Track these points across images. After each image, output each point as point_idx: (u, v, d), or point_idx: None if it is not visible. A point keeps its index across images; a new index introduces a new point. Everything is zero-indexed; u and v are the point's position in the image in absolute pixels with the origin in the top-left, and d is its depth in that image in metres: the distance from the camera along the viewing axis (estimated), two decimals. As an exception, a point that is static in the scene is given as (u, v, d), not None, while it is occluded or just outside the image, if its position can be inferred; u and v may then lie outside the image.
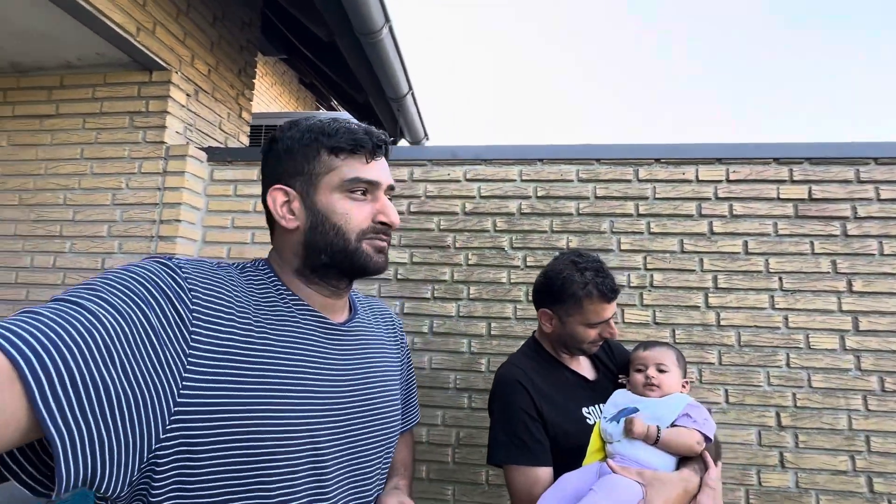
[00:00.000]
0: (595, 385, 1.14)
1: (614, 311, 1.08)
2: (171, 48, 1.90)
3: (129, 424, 0.47)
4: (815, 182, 1.60)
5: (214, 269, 0.65)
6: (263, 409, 0.58)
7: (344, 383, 0.70)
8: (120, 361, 0.46)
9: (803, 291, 1.55)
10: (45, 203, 1.88)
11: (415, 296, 1.71)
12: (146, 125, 1.87)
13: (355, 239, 0.69)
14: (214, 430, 0.55)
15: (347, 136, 0.69)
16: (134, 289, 0.52)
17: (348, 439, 0.68)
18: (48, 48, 1.81)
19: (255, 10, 2.48)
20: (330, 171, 0.69)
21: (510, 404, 1.05)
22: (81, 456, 0.42)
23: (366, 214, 0.70)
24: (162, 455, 0.52)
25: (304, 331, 0.68)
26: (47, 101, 1.95)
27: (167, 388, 0.51)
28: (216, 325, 0.58)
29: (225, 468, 0.56)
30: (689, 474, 0.94)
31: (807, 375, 1.51)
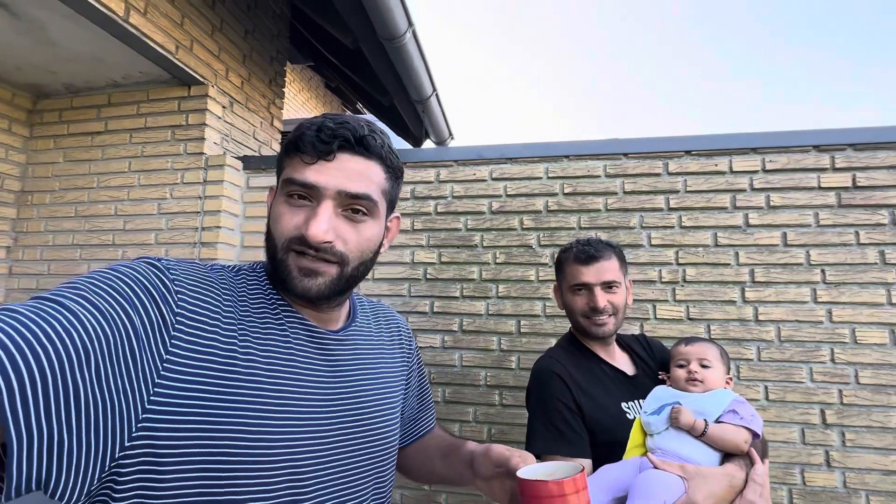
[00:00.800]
0: (634, 380, 1.12)
1: (601, 281, 1.08)
2: (208, 63, 1.99)
3: (94, 429, 0.44)
4: (859, 169, 1.52)
5: (206, 272, 0.61)
6: (237, 424, 0.54)
7: (332, 396, 0.64)
8: (95, 364, 0.44)
9: (848, 284, 1.48)
10: (98, 214, 2.02)
11: (444, 295, 1.74)
12: (187, 137, 1.97)
13: (281, 249, 0.61)
14: (182, 440, 0.51)
15: (297, 132, 0.61)
16: (119, 289, 0.49)
17: (335, 456, 0.63)
18: (96, 69, 1.94)
19: (283, 21, 2.56)
20: (282, 171, 0.63)
21: (548, 396, 1.04)
22: (37, 458, 0.39)
23: (296, 223, 0.60)
24: (125, 465, 0.49)
25: (290, 341, 0.63)
26: (97, 118, 2.09)
27: (137, 393, 0.48)
28: (198, 331, 0.54)
29: (191, 483, 0.51)
30: (734, 469, 0.91)
31: (854, 371, 1.45)
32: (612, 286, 1.10)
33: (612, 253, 1.12)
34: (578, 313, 1.12)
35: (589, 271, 1.09)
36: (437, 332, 1.73)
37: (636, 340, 1.25)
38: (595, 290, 1.08)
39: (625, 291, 1.13)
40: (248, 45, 2.26)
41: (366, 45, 2.10)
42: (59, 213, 2.06)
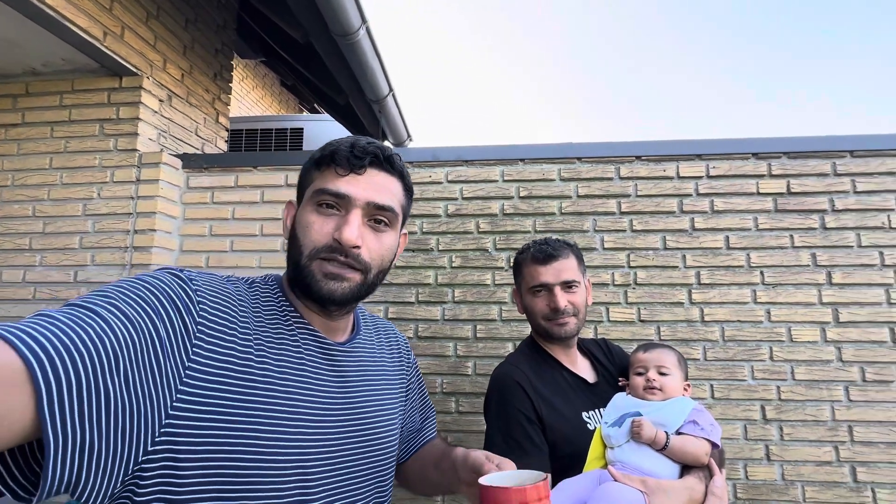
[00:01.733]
0: (595, 388, 1.10)
1: (560, 280, 1.06)
2: (142, 53, 1.84)
3: (122, 432, 0.46)
4: (793, 176, 1.61)
5: (224, 284, 0.64)
6: (252, 433, 0.57)
7: (338, 408, 0.68)
8: (124, 370, 0.46)
9: (784, 285, 1.56)
10: (12, 215, 1.81)
11: (399, 300, 1.69)
12: (117, 132, 1.81)
13: (307, 256, 0.65)
14: (201, 446, 0.54)
15: (330, 148, 0.67)
16: (146, 298, 0.52)
17: (339, 464, 0.66)
18: (11, 55, 1.74)
19: (229, 12, 2.42)
20: (310, 183, 0.68)
21: (507, 406, 1.00)
22: (70, 460, 0.42)
23: (327, 230, 0.65)
24: (147, 468, 0.52)
25: (302, 352, 0.66)
26: (12, 109, 1.88)
27: (162, 399, 0.51)
28: (217, 341, 0.57)
29: (209, 487, 0.54)
30: (694, 482, 0.91)
31: (790, 368, 1.52)
32: (571, 286, 1.07)
33: (569, 252, 1.10)
34: (539, 315, 1.09)
35: (547, 271, 1.07)
36: (391, 339, 1.67)
37: (596, 345, 1.23)
38: (555, 290, 1.06)
39: (584, 291, 1.11)
40: (189, 36, 2.12)
41: (318, 42, 2.01)
42: (-34, 213, 1.84)
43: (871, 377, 1.49)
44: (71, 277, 1.75)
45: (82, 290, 1.74)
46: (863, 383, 1.49)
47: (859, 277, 1.54)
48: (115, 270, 1.73)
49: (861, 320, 1.52)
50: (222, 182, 1.82)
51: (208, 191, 1.83)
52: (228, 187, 1.81)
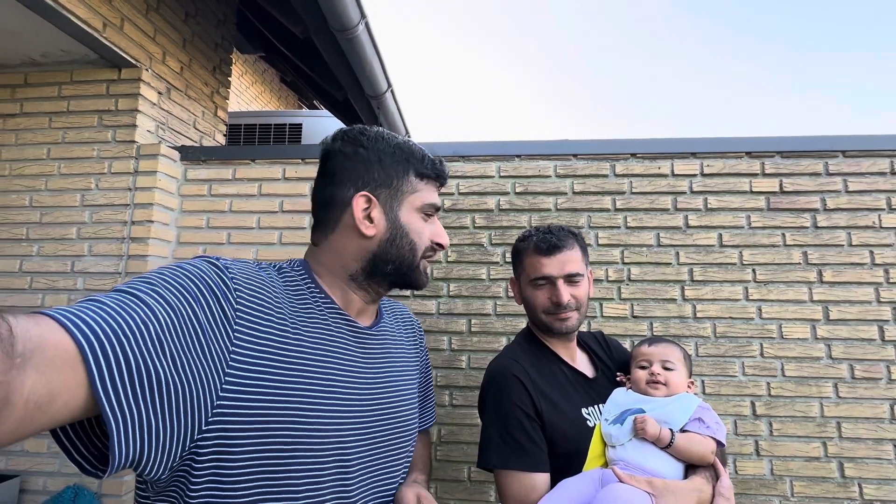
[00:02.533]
0: (594, 383, 1.05)
1: (564, 273, 1.00)
2: (141, 45, 1.85)
3: (176, 413, 0.50)
4: (785, 175, 1.63)
5: (257, 271, 0.67)
6: (295, 411, 0.60)
7: (369, 387, 0.72)
8: (170, 352, 0.49)
9: (776, 282, 1.58)
10: (10, 205, 1.82)
11: (394, 293, 1.69)
12: (116, 124, 1.82)
13: (420, 256, 0.76)
14: (251, 425, 0.57)
15: (432, 166, 0.77)
16: (186, 285, 0.55)
17: (372, 441, 0.71)
18: (10, 45, 1.74)
19: (230, 6, 2.43)
20: (415, 192, 0.75)
21: (505, 401, 0.95)
22: (132, 438, 0.45)
23: (427, 234, 0.76)
24: (202, 445, 0.55)
25: (334, 335, 0.70)
26: (11, 99, 1.88)
27: (212, 382, 0.54)
28: (257, 326, 0.60)
29: (258, 462, 0.58)
30: (701, 483, 0.87)
31: (780, 365, 1.54)
32: (575, 278, 1.01)
33: (574, 242, 1.04)
34: (539, 309, 1.03)
35: (551, 263, 1.00)
36: (386, 333, 1.68)
37: (594, 339, 1.19)
38: (558, 283, 1.00)
39: (587, 283, 1.06)
40: (189, 29, 2.12)
41: (317, 37, 2.02)
42: (-37, 203, 1.84)
43: (859, 374, 1.51)
44: (68, 267, 1.75)
45: (79, 280, 1.74)
46: (851, 380, 1.51)
47: (849, 276, 1.56)
48: (112, 261, 1.73)
49: (851, 318, 1.54)
50: (220, 175, 1.83)
51: (206, 183, 1.83)
52: (226, 180, 1.82)
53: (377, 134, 0.76)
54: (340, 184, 0.73)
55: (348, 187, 0.73)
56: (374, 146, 0.74)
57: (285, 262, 0.75)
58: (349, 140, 0.75)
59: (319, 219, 0.76)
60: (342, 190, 0.73)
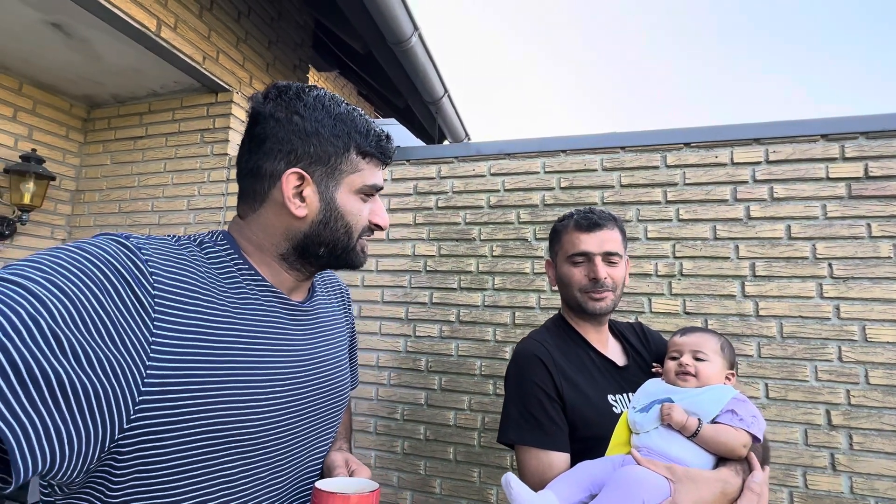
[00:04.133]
0: (624, 372, 1.03)
1: (603, 250, 1.00)
2: (233, 72, 2.17)
3: (90, 415, 0.44)
4: (872, 158, 1.45)
5: (175, 248, 0.61)
6: (228, 396, 0.57)
7: (304, 362, 0.70)
8: (71, 349, 0.43)
9: (858, 278, 1.41)
10: (137, 210, 2.24)
11: (442, 286, 1.80)
12: (213, 140, 2.16)
13: (356, 237, 0.70)
14: (181, 415, 0.53)
15: (377, 143, 0.70)
16: (86, 270, 0.47)
17: (309, 416, 0.69)
18: (137, 80, 2.16)
19: (306, 31, 2.73)
20: (355, 171, 0.68)
21: (526, 379, 0.96)
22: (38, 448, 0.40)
23: (365, 214, 0.71)
24: (125, 443, 0.50)
25: (268, 314, 0.66)
26: (139, 125, 2.32)
27: (130, 378, 0.48)
28: (180, 311, 0.55)
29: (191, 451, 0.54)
30: (728, 475, 0.82)
31: (863, 371, 1.37)
32: (613, 258, 1.01)
33: (614, 224, 1.04)
34: (576, 286, 1.02)
35: (590, 239, 1.00)
36: (435, 322, 1.79)
37: (631, 329, 1.16)
38: (596, 259, 0.99)
39: (625, 267, 1.05)
40: (272, 55, 2.43)
41: (376, 50, 2.21)
42: (106, 209, 2.30)
43: (970, 386, 1.29)
44: (177, 261, 2.12)
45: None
46: (959, 393, 1.30)
47: (958, 272, 1.34)
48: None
49: (958, 321, 1.32)
50: (294, 180, 2.08)
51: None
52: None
53: (316, 99, 0.66)
54: (269, 153, 0.64)
55: (279, 160, 0.64)
56: (311, 115, 0.65)
57: (206, 235, 0.67)
58: (283, 103, 0.65)
59: (244, 189, 0.68)
60: (272, 162, 0.64)
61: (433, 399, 1.74)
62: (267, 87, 0.68)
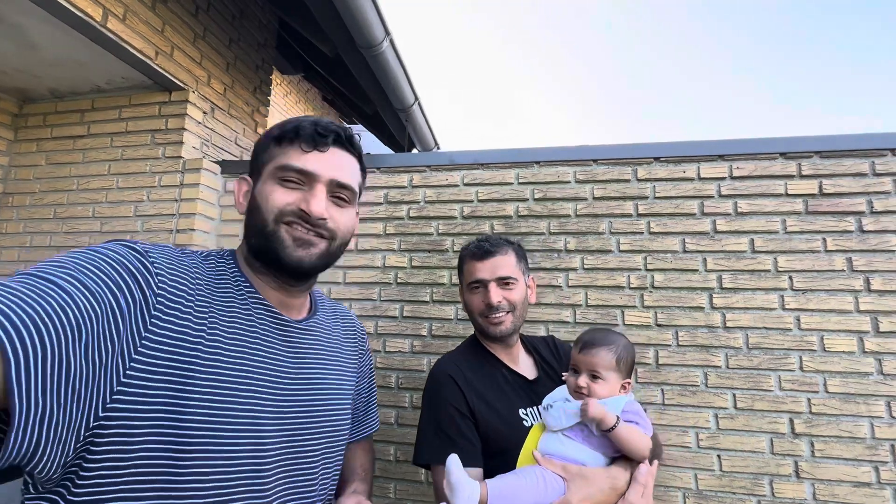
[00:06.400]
0: (535, 385, 1.08)
1: (496, 276, 1.05)
2: (189, 70, 2.03)
3: (77, 400, 0.47)
4: (826, 176, 1.53)
5: (179, 257, 0.65)
6: (206, 403, 0.57)
7: (291, 380, 0.69)
8: (85, 340, 0.46)
9: (816, 291, 1.47)
10: (76, 216, 2.03)
11: (414, 299, 1.74)
12: (166, 141, 2.00)
13: (273, 220, 0.66)
14: (154, 414, 0.54)
15: (292, 125, 0.68)
16: (105, 270, 0.52)
17: (291, 436, 0.68)
18: (80, 74, 1.97)
19: (270, 31, 2.61)
20: (271, 159, 0.69)
21: (438, 399, 1.00)
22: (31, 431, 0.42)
23: (290, 200, 0.67)
24: (100, 435, 0.51)
25: (255, 325, 0.67)
26: (80, 122, 2.12)
27: (115, 367, 0.51)
28: (175, 312, 0.58)
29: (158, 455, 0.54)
30: (617, 471, 0.89)
31: (822, 379, 1.43)
32: (508, 282, 1.06)
33: (508, 248, 1.10)
34: (476, 312, 1.09)
35: (484, 267, 1.07)
36: (406, 337, 1.72)
37: (544, 343, 1.22)
38: (490, 285, 1.05)
39: (524, 289, 1.10)
40: (233, 54, 2.30)
41: (346, 55, 2.14)
42: (38, 214, 2.08)
43: (916, 393, 1.37)
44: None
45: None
46: (907, 399, 1.37)
47: (903, 284, 1.43)
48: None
49: (905, 330, 1.40)
50: (255, 186, 1.96)
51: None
52: (261, 191, 1.94)
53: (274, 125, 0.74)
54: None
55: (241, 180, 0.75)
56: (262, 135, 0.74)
57: (215, 250, 0.73)
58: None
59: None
60: None
61: (404, 418, 1.66)
62: None
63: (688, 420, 1.47)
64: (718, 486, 1.42)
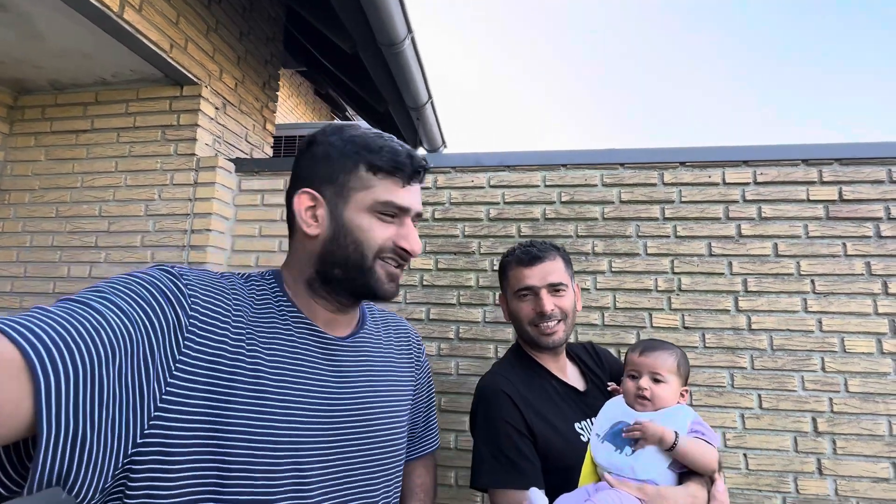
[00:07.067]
0: (585, 397, 1.04)
1: (546, 283, 1.01)
2: (202, 64, 1.96)
3: (113, 425, 0.46)
4: (845, 183, 1.58)
5: (216, 279, 0.64)
6: (242, 427, 0.56)
7: (337, 401, 0.67)
8: (119, 362, 0.46)
9: (837, 294, 1.52)
10: (80, 215, 1.94)
11: (441, 301, 1.72)
12: (178, 138, 1.92)
13: (372, 257, 0.67)
14: (191, 439, 0.53)
15: (390, 156, 0.67)
16: (140, 293, 0.53)
17: (340, 459, 0.65)
18: (85, 66, 1.88)
19: (278, 25, 2.54)
20: (365, 188, 0.67)
21: (495, 418, 0.94)
22: (61, 452, 0.41)
23: (388, 235, 0.68)
24: (138, 462, 0.51)
25: (297, 346, 0.65)
26: (83, 116, 2.02)
27: (151, 392, 0.51)
28: (209, 334, 0.57)
29: (199, 481, 0.54)
30: (696, 489, 0.85)
31: (843, 380, 1.48)
32: (558, 289, 1.02)
33: (556, 254, 1.06)
34: (525, 321, 1.04)
35: (533, 273, 1.02)
36: (433, 340, 1.70)
37: (585, 350, 1.18)
38: (541, 293, 1.01)
39: (573, 295, 1.06)
40: (244, 47, 2.23)
41: (364, 52, 2.09)
42: (39, 213, 1.98)
43: (931, 392, 1.43)
44: (132, 274, 1.85)
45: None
46: (923, 398, 1.43)
47: (918, 288, 1.49)
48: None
49: (920, 332, 1.46)
50: (272, 185, 1.91)
51: (258, 193, 1.91)
52: (278, 190, 1.90)
53: (335, 128, 0.70)
54: (294, 183, 0.70)
55: (297, 186, 0.69)
56: (325, 140, 0.69)
57: (256, 272, 0.72)
58: (311, 139, 0.71)
59: (288, 224, 0.72)
60: (292, 190, 0.70)
61: (432, 421, 1.65)
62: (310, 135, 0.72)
63: (715, 420, 1.50)
64: (745, 484, 1.46)
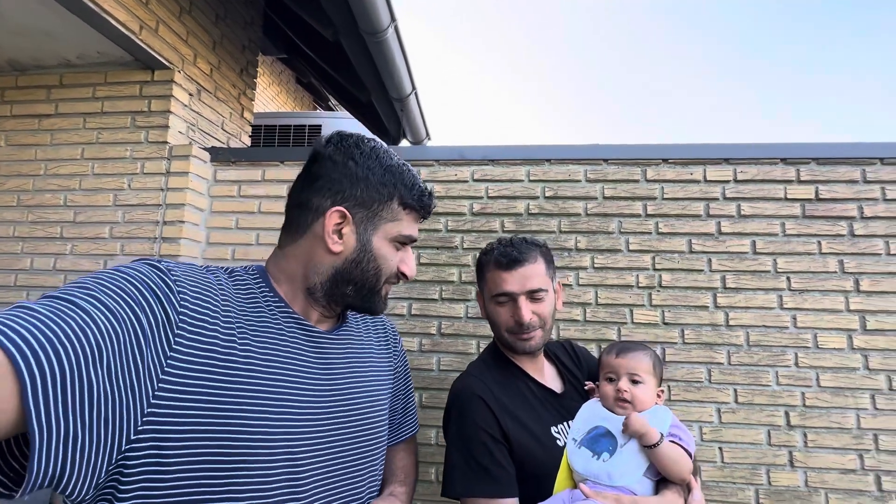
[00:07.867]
0: (563, 399, 1.01)
1: (525, 290, 0.96)
2: (174, 47, 1.87)
3: (104, 423, 0.46)
4: (821, 182, 1.60)
5: (203, 273, 0.64)
6: (238, 418, 0.57)
7: (325, 394, 0.69)
8: (107, 361, 0.46)
9: (811, 291, 1.55)
10: (44, 204, 1.85)
11: (423, 297, 1.70)
12: (148, 125, 1.84)
13: (383, 282, 0.74)
14: (186, 434, 0.54)
15: (419, 198, 0.75)
16: (127, 289, 0.52)
17: (329, 448, 0.68)
18: (47, 46, 1.78)
19: (257, 9, 2.45)
20: (394, 220, 0.73)
21: (468, 423, 0.91)
22: (55, 452, 0.41)
23: (395, 261, 0.75)
24: (131, 458, 0.52)
25: (286, 339, 0.67)
26: (46, 100, 1.92)
27: (143, 389, 0.51)
28: (200, 329, 0.58)
29: (195, 475, 0.55)
30: (673, 497, 0.84)
31: (815, 375, 1.51)
32: (538, 295, 0.97)
33: (537, 254, 1.00)
34: (502, 327, 1.00)
35: (512, 278, 0.96)
36: (414, 336, 1.68)
37: (562, 349, 1.16)
38: (519, 300, 0.95)
39: (553, 298, 1.02)
40: (219, 31, 2.14)
41: (346, 40, 2.03)
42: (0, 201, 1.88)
43: (898, 386, 1.48)
44: (101, 266, 1.78)
45: (111, 279, 1.76)
46: (889, 392, 1.48)
47: (887, 286, 1.53)
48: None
49: (889, 329, 1.51)
50: (249, 176, 1.84)
51: (235, 184, 1.85)
52: (255, 181, 1.84)
53: (372, 150, 0.72)
54: (320, 190, 0.70)
55: (327, 197, 0.70)
56: (364, 163, 0.71)
57: (240, 267, 0.73)
58: (342, 149, 0.72)
59: (290, 219, 0.73)
60: (320, 198, 0.70)
61: (413, 417, 1.63)
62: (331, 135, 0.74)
63: (692, 415, 1.53)
64: (720, 477, 1.49)
